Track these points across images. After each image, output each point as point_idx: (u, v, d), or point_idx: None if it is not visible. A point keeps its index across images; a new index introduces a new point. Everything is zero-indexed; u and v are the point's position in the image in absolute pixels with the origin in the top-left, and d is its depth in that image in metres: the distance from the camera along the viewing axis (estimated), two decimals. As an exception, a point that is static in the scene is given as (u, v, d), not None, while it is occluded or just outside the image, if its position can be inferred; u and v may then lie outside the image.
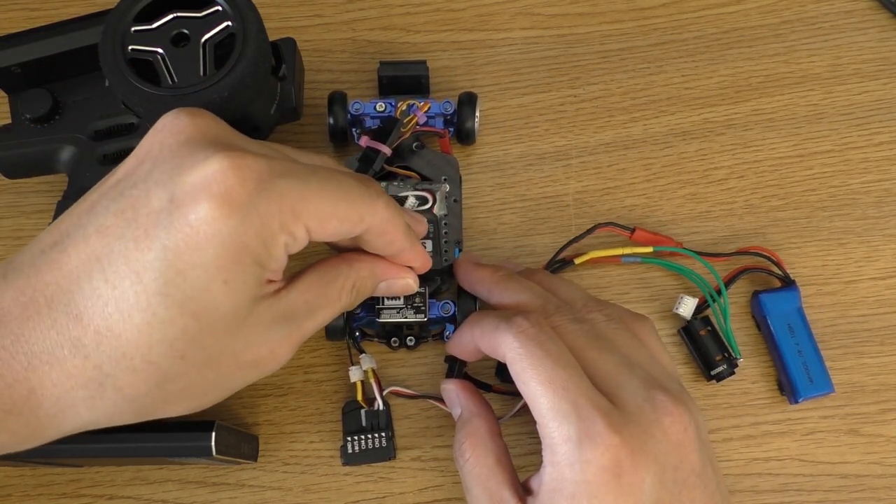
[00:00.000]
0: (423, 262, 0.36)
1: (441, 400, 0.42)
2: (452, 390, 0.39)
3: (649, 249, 0.44)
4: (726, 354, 0.43)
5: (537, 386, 0.32)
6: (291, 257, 0.30)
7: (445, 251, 0.42)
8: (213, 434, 0.36)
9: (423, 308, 0.41)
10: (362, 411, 0.42)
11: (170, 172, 0.28)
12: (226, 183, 0.27)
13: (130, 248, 0.27)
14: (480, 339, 0.36)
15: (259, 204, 0.28)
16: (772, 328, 0.43)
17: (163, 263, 0.27)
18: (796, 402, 0.42)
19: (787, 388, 0.43)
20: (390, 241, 0.33)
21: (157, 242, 0.27)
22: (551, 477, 0.32)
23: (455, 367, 0.41)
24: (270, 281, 0.30)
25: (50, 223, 0.42)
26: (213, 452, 0.36)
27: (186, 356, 0.28)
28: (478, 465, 0.35)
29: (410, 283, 0.36)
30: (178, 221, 0.27)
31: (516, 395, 0.42)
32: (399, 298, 0.41)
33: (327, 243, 0.35)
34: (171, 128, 0.29)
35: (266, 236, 0.28)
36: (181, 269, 0.27)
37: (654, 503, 0.31)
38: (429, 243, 0.42)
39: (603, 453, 0.31)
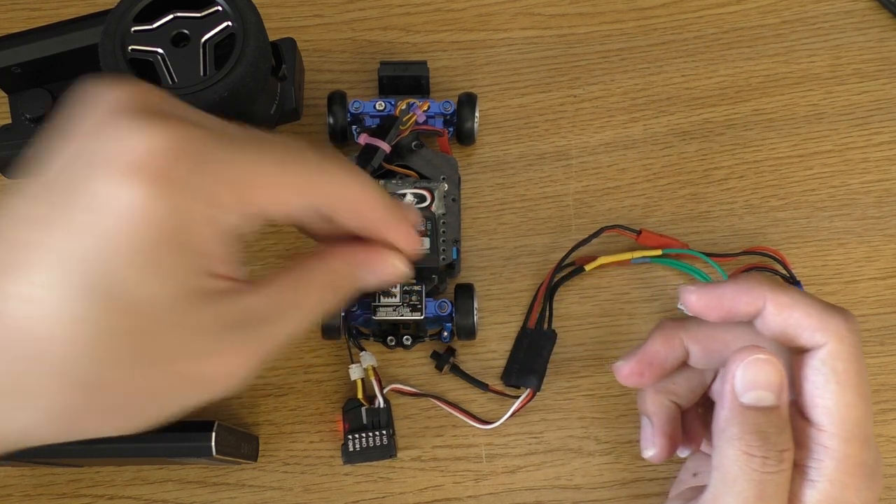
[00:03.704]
0: (409, 240, 0.30)
1: (441, 399, 0.42)
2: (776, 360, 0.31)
3: (658, 252, 0.45)
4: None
5: (855, 396, 0.29)
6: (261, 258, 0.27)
7: (443, 250, 0.42)
8: (213, 434, 0.36)
9: (419, 306, 0.41)
10: (363, 409, 0.42)
11: (91, 149, 0.24)
12: (155, 158, 0.23)
13: (44, 236, 0.23)
14: (791, 307, 0.31)
15: (193, 180, 0.24)
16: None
17: (85, 253, 0.23)
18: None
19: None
20: (364, 214, 0.28)
21: (75, 228, 0.23)
22: (828, 495, 0.30)
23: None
24: (219, 276, 0.25)
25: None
26: (213, 452, 0.36)
27: (111, 359, 0.24)
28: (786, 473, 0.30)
29: (399, 266, 0.30)
30: (100, 204, 0.23)
31: (510, 396, 0.42)
32: (395, 296, 0.41)
33: (304, 231, 0.30)
34: (91, 98, 0.25)
35: (202, 218, 0.24)
36: (105, 258, 0.23)
37: None
38: (426, 241, 0.42)
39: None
